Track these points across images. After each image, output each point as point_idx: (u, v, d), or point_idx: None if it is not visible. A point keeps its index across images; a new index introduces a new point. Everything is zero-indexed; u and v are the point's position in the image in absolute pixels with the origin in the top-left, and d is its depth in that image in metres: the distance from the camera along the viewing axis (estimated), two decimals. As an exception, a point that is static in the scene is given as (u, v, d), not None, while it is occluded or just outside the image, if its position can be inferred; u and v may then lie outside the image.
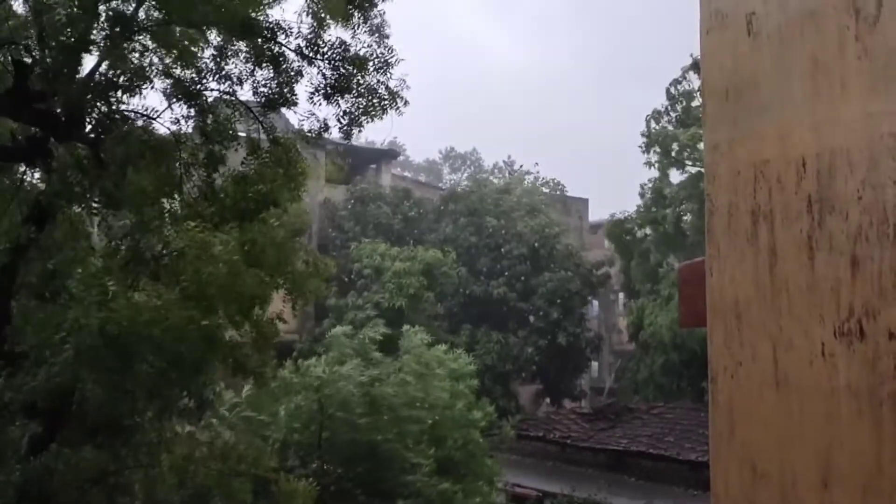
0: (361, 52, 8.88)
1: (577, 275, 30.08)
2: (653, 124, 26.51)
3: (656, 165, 26.33)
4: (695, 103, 26.07)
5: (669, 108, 26.59)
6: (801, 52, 1.89)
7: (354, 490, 12.49)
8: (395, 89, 9.04)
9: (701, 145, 25.35)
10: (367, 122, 9.14)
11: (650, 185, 26.90)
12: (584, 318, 31.71)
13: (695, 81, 25.94)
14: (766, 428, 1.89)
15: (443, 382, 14.46)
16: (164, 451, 8.88)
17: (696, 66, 25.61)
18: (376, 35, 8.96)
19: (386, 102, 9.00)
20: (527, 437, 20.83)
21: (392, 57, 8.94)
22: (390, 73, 8.95)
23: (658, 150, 25.98)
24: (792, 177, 1.88)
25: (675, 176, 26.67)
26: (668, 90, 26.65)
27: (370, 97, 8.95)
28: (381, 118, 9.17)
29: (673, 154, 25.94)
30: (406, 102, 9.07)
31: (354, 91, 8.92)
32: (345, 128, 9.07)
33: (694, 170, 25.41)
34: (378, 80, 8.92)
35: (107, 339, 7.45)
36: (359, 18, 8.88)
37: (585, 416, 23.25)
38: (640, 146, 26.35)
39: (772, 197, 1.92)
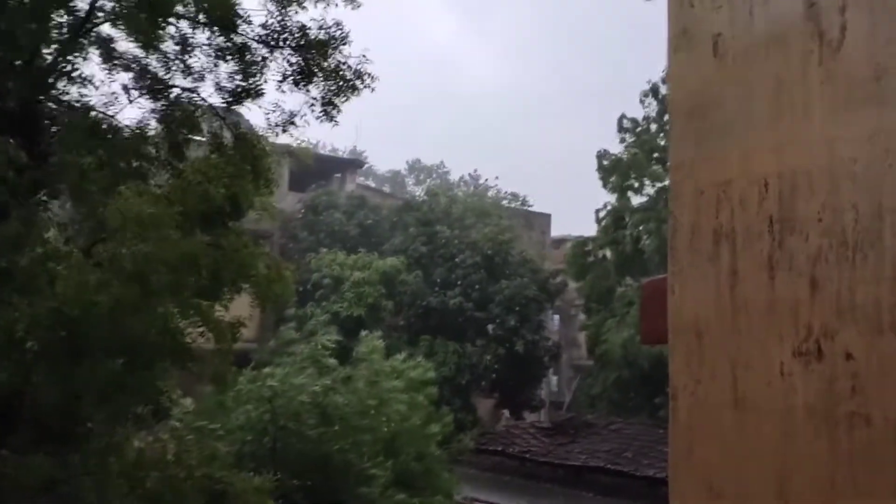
0: (318, 36, 8.81)
1: (533, 282, 30.16)
2: (616, 148, 26.92)
3: (611, 187, 26.65)
4: (654, 126, 26.52)
5: (629, 131, 26.96)
6: (765, 74, 1.92)
7: (307, 502, 12.33)
8: (357, 67, 8.99)
9: (657, 168, 25.88)
10: (344, 101, 9.08)
11: (608, 208, 27.21)
12: (542, 325, 31.79)
13: (653, 106, 26.37)
14: (724, 446, 1.90)
15: (401, 394, 14.37)
16: (116, 457, 8.67)
17: (654, 91, 26.08)
18: (349, 3, 8.87)
19: (353, 81, 8.95)
20: (486, 450, 20.82)
21: (340, 33, 8.87)
22: (346, 49, 8.89)
23: (615, 174, 26.33)
24: (754, 197, 1.90)
25: (634, 197, 27.03)
26: (621, 117, 27.06)
27: (336, 78, 8.89)
28: (354, 96, 9.10)
29: (632, 176, 26.28)
30: (373, 78, 9.02)
31: (321, 74, 8.85)
32: (323, 112, 8.99)
33: (652, 191, 25.79)
34: (338, 62, 8.88)
35: (56, 325, 7.22)
36: None
37: (545, 430, 23.32)
38: (598, 171, 26.67)
39: (734, 217, 1.94)
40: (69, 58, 8.46)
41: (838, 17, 1.79)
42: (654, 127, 26.40)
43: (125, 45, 8.86)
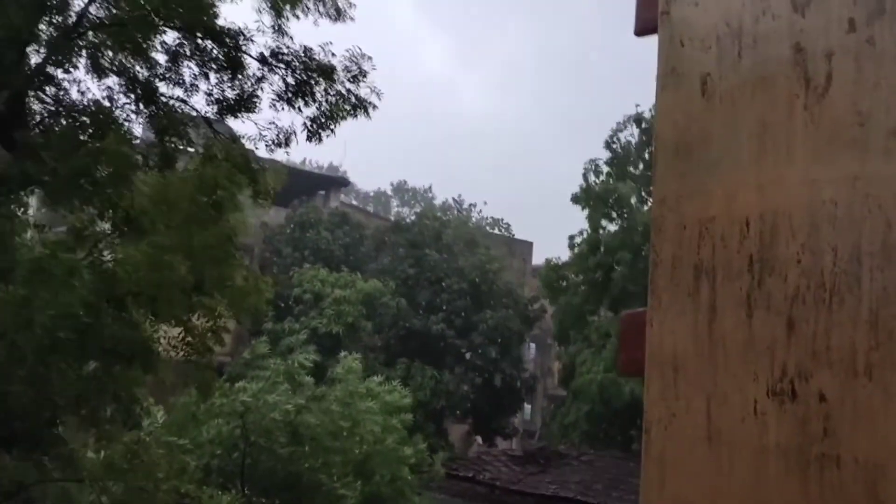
0: (328, 62, 8.84)
1: (516, 312, 30.21)
2: (591, 177, 26.97)
3: (588, 214, 26.75)
4: (633, 156, 26.69)
5: (612, 160, 27.07)
6: (751, 115, 1.95)
7: (276, 520, 12.19)
8: (364, 97, 9.02)
9: (634, 199, 26.05)
10: (335, 125, 9.10)
11: (583, 236, 27.27)
12: (522, 358, 31.81)
13: (635, 134, 26.56)
14: (696, 481, 1.90)
15: (375, 416, 14.28)
16: (84, 463, 8.54)
17: (638, 121, 26.28)
18: (337, 17, 8.89)
19: (355, 108, 8.97)
20: (456, 476, 20.64)
21: (366, 65, 8.91)
22: (362, 80, 8.93)
23: (593, 201, 26.42)
24: (735, 235, 1.92)
25: (608, 225, 27.12)
26: (606, 142, 27.19)
27: (337, 102, 8.91)
28: (347, 118, 9.11)
29: (610, 204, 26.39)
30: (375, 107, 9.05)
31: (320, 97, 8.88)
32: (312, 132, 9.00)
33: (625, 223, 25.91)
34: (347, 90, 8.90)
35: (21, 324, 7.13)
36: (313, 4, 8.78)
37: (516, 458, 23.16)
38: (575, 195, 26.70)
39: (715, 254, 1.96)
40: (57, 60, 8.43)
41: (825, 64, 1.83)
42: (633, 157, 26.57)
43: (113, 51, 8.83)
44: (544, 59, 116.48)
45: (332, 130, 9.10)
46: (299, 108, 8.93)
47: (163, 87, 9.02)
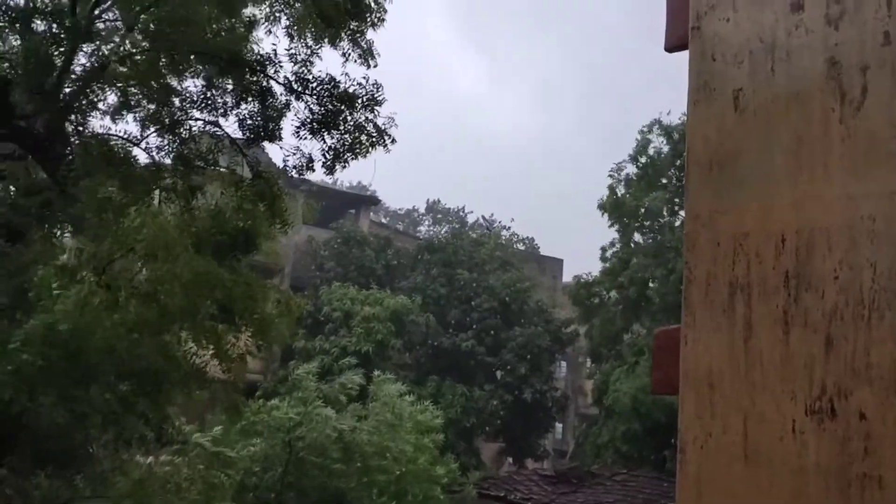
0: (350, 89, 8.93)
1: (546, 331, 30.06)
2: (617, 186, 26.64)
3: (617, 228, 26.47)
4: (661, 166, 26.31)
5: (639, 173, 26.70)
6: (785, 130, 1.93)
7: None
8: (383, 127, 9.06)
9: (665, 210, 25.75)
10: (353, 159, 9.15)
11: (614, 249, 26.98)
12: (552, 375, 31.60)
13: (663, 146, 26.18)
14: (733, 502, 1.87)
15: (408, 435, 14.30)
16: (118, 481, 8.63)
17: (667, 133, 25.87)
18: (364, 61, 8.99)
19: (374, 140, 9.01)
20: (487, 496, 20.50)
21: (380, 95, 8.99)
22: (377, 110, 9.00)
23: (620, 214, 26.11)
24: (771, 251, 1.90)
25: (638, 238, 26.80)
26: (631, 155, 26.79)
27: (357, 134, 8.96)
28: (366, 156, 9.18)
29: (640, 217, 26.11)
30: (393, 140, 9.08)
31: (342, 127, 8.93)
32: (329, 163, 9.07)
33: (657, 235, 25.59)
34: (366, 118, 8.96)
35: (55, 343, 7.24)
36: (348, 44, 8.89)
37: (548, 478, 22.95)
38: (602, 206, 26.28)
39: (750, 270, 1.93)
40: (91, 89, 8.61)
41: (860, 77, 1.81)
42: (661, 167, 26.14)
43: (144, 82, 8.98)
44: (576, 75, 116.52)
45: (346, 163, 9.13)
46: (323, 138, 9.01)
47: (192, 113, 9.15)
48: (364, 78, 9.08)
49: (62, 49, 7.93)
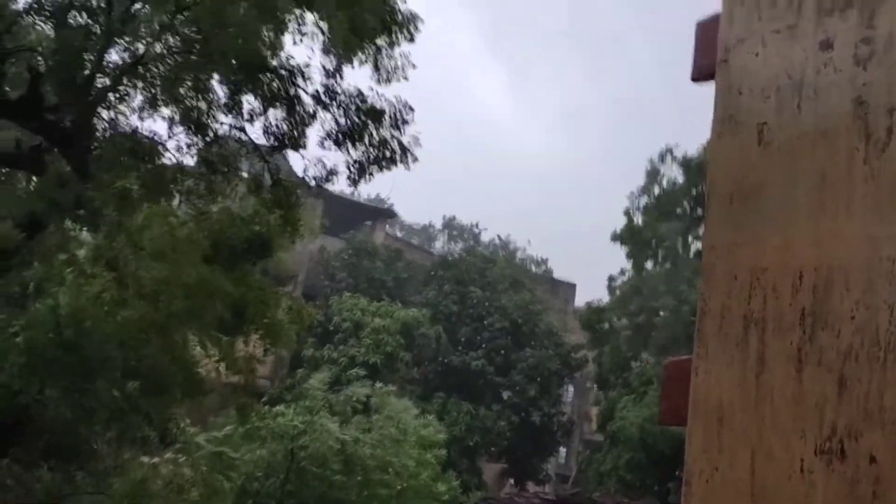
0: (377, 105, 8.98)
1: (556, 354, 30.00)
2: (637, 217, 26.63)
3: (630, 254, 26.40)
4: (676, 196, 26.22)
5: (652, 203, 26.65)
6: (809, 166, 1.92)
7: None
8: (406, 145, 9.12)
9: (679, 241, 25.62)
10: (376, 171, 9.21)
11: (623, 278, 26.94)
12: (560, 398, 31.48)
13: (677, 177, 26.12)
14: (737, 538, 1.85)
15: (412, 449, 14.25)
16: (119, 478, 8.64)
17: (686, 164, 25.82)
18: (394, 78, 9.04)
19: (397, 156, 9.06)
20: (486, 515, 20.36)
21: (409, 114, 9.05)
22: (404, 129, 9.05)
23: (634, 242, 26.06)
24: (788, 287, 1.89)
25: (650, 265, 26.69)
26: (641, 186, 26.79)
27: (381, 149, 9.01)
28: (390, 169, 9.23)
29: (653, 245, 26.05)
30: (415, 159, 9.13)
31: (367, 140, 8.99)
32: (353, 176, 9.12)
33: (669, 265, 25.49)
34: (392, 135, 9.01)
35: (57, 334, 7.26)
36: (382, 58, 8.93)
37: (549, 502, 22.79)
38: (616, 236, 26.26)
39: (766, 305, 1.92)
40: (122, 85, 8.71)
41: (886, 119, 1.80)
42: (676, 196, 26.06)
43: (172, 84, 9.07)
44: (604, 102, 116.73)
45: (371, 175, 9.20)
46: (347, 150, 9.07)
47: (220, 117, 9.24)
48: (395, 97, 9.14)
49: (96, 44, 8.03)
